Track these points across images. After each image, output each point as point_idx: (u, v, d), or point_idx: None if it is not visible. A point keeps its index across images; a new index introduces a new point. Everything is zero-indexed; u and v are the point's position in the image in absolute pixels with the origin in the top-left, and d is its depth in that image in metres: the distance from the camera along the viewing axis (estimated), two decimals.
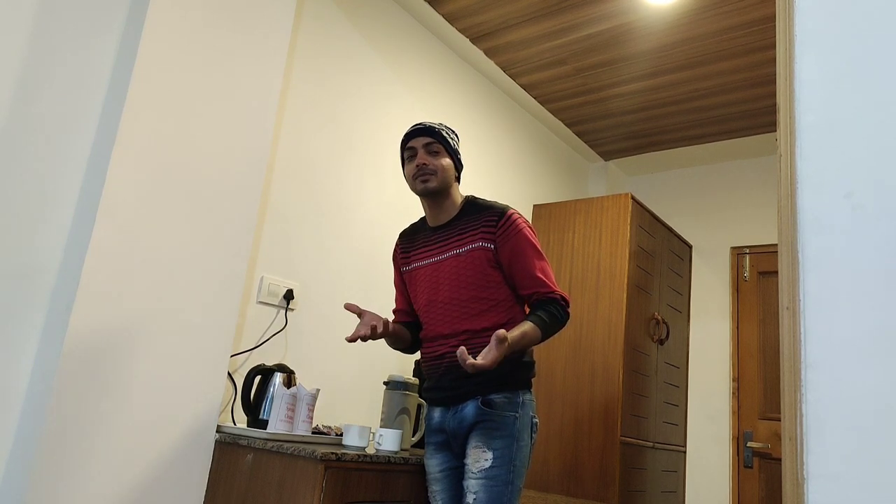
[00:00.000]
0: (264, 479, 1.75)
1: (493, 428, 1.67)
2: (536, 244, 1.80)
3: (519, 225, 1.78)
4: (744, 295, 3.77)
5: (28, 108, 1.68)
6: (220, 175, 1.94)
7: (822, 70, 1.09)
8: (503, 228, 1.76)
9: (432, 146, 1.82)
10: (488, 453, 1.64)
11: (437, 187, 1.80)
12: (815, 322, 1.00)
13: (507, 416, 1.68)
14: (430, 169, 1.79)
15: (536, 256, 1.78)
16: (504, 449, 1.65)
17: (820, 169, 1.05)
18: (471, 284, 1.76)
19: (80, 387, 1.61)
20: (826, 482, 0.94)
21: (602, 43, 2.99)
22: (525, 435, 1.70)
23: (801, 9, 1.13)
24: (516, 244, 1.76)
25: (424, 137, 1.82)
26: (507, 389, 1.71)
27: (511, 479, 1.64)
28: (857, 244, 1.00)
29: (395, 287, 2.00)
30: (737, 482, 3.51)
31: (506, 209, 1.80)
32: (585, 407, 3.07)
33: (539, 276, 1.76)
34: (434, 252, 1.84)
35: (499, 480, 1.62)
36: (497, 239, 1.75)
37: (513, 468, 1.65)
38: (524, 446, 1.69)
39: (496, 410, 1.69)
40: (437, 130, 1.83)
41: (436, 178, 1.80)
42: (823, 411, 0.97)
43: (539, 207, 3.56)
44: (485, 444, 1.66)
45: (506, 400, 1.70)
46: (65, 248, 1.72)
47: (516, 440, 1.67)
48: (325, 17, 2.53)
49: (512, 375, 1.72)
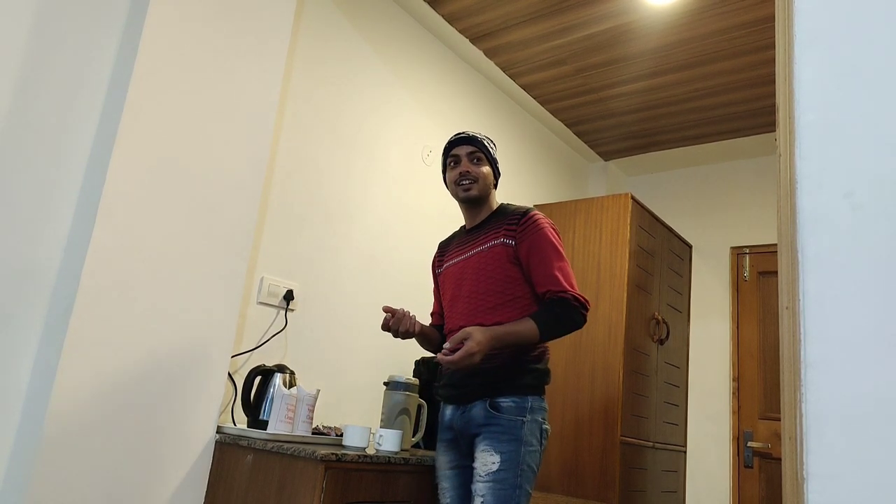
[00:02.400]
0: (264, 479, 1.75)
1: (501, 432, 1.68)
2: (556, 244, 1.80)
3: (540, 224, 1.80)
4: (744, 295, 3.77)
5: (28, 108, 1.68)
6: (220, 175, 1.94)
7: (821, 70, 1.09)
8: (524, 225, 1.80)
9: (475, 154, 1.90)
10: (496, 456, 1.65)
11: (478, 195, 1.89)
12: (815, 322, 1.00)
13: (515, 421, 1.69)
14: (472, 176, 1.88)
15: (555, 255, 1.77)
16: (512, 452, 1.66)
17: (819, 169, 1.05)
18: (490, 278, 1.80)
19: (80, 387, 1.61)
20: (826, 482, 0.94)
21: (602, 43, 2.99)
22: (534, 440, 1.70)
23: (800, 9, 1.13)
24: (535, 241, 1.78)
25: (468, 146, 1.91)
26: (514, 393, 1.71)
27: (519, 482, 1.64)
28: (857, 244, 1.00)
29: (433, 295, 2.11)
30: (737, 482, 3.51)
31: (529, 210, 1.85)
32: (585, 407, 3.07)
33: (555, 274, 1.75)
34: (464, 251, 1.92)
35: (506, 484, 1.63)
36: (517, 236, 1.79)
37: (520, 472, 1.65)
38: (533, 451, 1.69)
39: (503, 414, 1.69)
40: (479, 140, 1.91)
41: (476, 186, 1.88)
42: (823, 411, 0.97)
43: (539, 207, 3.56)
44: (492, 447, 1.67)
45: (513, 404, 1.70)
46: (65, 248, 1.72)
47: (524, 444, 1.67)
48: (325, 17, 2.53)
49: (519, 379, 1.73)
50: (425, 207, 2.91)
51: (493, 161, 1.94)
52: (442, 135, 3.05)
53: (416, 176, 2.88)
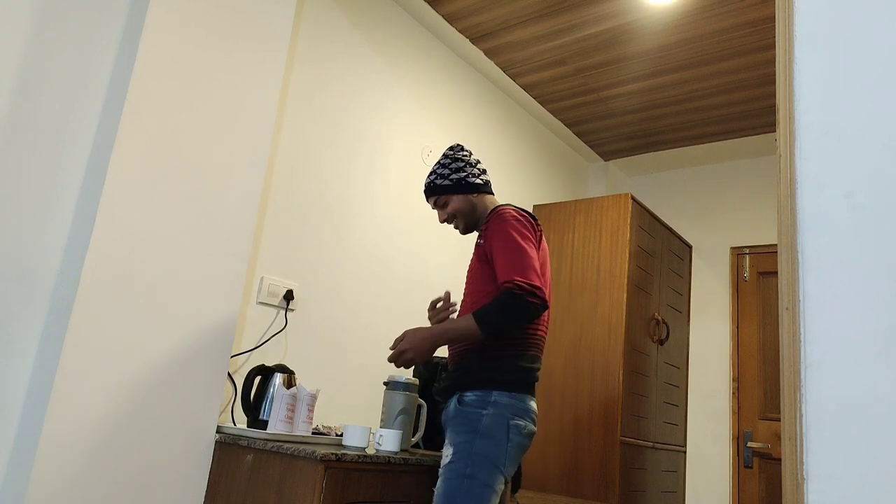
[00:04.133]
0: (264, 479, 1.75)
1: (460, 424, 1.70)
2: (511, 232, 1.73)
3: (499, 217, 1.79)
4: (744, 295, 3.77)
5: (28, 109, 1.68)
6: (220, 175, 1.94)
7: (821, 70, 1.09)
8: (487, 223, 1.83)
9: (437, 203, 1.97)
10: (450, 448, 1.68)
11: (466, 228, 1.98)
12: (815, 322, 1.00)
13: (475, 413, 1.69)
14: (450, 219, 1.96)
15: (505, 245, 1.71)
16: (464, 443, 1.65)
17: (819, 169, 1.05)
18: (474, 279, 1.86)
19: (80, 386, 1.61)
20: (826, 482, 0.94)
21: (602, 43, 2.99)
22: (496, 432, 1.66)
23: (800, 9, 1.13)
24: (492, 235, 1.78)
25: (429, 199, 1.99)
26: (477, 388, 1.73)
27: (469, 472, 1.61)
28: (857, 244, 1.00)
29: None
30: (737, 482, 3.51)
31: (499, 206, 1.86)
32: (585, 407, 3.07)
33: (502, 264, 1.69)
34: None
35: (455, 473, 1.63)
36: (485, 234, 1.82)
37: (471, 462, 1.62)
38: (489, 443, 1.64)
39: (465, 408, 1.72)
40: (431, 187, 1.96)
41: (460, 224, 1.97)
42: (823, 411, 0.97)
43: (539, 207, 3.56)
44: (450, 439, 1.70)
45: (476, 398, 1.72)
46: (65, 248, 1.72)
47: (479, 435, 1.65)
48: (325, 16, 2.53)
49: (481, 374, 1.73)
50: (425, 207, 2.91)
51: (454, 187, 1.91)
52: (442, 135, 3.05)
53: (415, 176, 2.88)
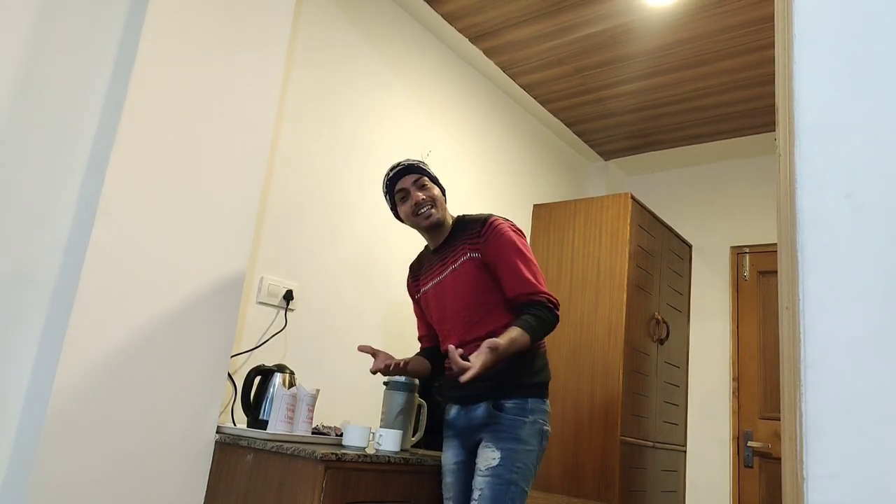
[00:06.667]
0: (264, 479, 1.75)
1: (503, 430, 1.73)
2: (521, 246, 1.82)
3: (501, 228, 1.83)
4: (744, 295, 3.77)
5: (28, 108, 1.68)
6: (219, 175, 1.94)
7: (821, 70, 1.09)
8: (485, 235, 1.83)
9: (419, 181, 1.90)
10: (496, 452, 1.71)
11: (440, 218, 1.90)
12: (815, 322, 1.00)
13: (516, 421, 1.74)
14: (429, 202, 1.88)
15: (519, 257, 1.80)
16: (510, 450, 1.71)
17: (819, 169, 1.05)
18: (470, 291, 1.83)
19: (80, 387, 1.61)
20: (826, 482, 0.94)
21: (602, 43, 2.99)
22: (533, 441, 1.74)
23: (800, 9, 1.13)
24: (498, 246, 1.80)
25: (411, 175, 1.90)
26: (516, 395, 1.76)
27: (514, 479, 1.69)
28: (857, 244, 1.00)
29: (416, 317, 2.11)
30: (737, 482, 3.51)
31: (488, 217, 1.87)
32: (585, 407, 3.07)
33: (524, 276, 1.78)
34: (436, 273, 1.94)
35: (502, 479, 1.68)
36: (481, 246, 1.82)
37: (516, 469, 1.69)
38: (530, 451, 1.73)
39: (505, 414, 1.75)
40: (419, 166, 1.92)
41: (436, 210, 1.89)
42: (823, 411, 0.97)
43: (539, 207, 3.56)
44: (494, 444, 1.73)
45: (515, 405, 1.76)
46: (65, 249, 1.72)
47: (523, 443, 1.72)
48: (325, 16, 2.53)
49: (520, 382, 1.78)
50: None
51: (435, 180, 1.95)
52: (442, 134, 3.04)
53: None
